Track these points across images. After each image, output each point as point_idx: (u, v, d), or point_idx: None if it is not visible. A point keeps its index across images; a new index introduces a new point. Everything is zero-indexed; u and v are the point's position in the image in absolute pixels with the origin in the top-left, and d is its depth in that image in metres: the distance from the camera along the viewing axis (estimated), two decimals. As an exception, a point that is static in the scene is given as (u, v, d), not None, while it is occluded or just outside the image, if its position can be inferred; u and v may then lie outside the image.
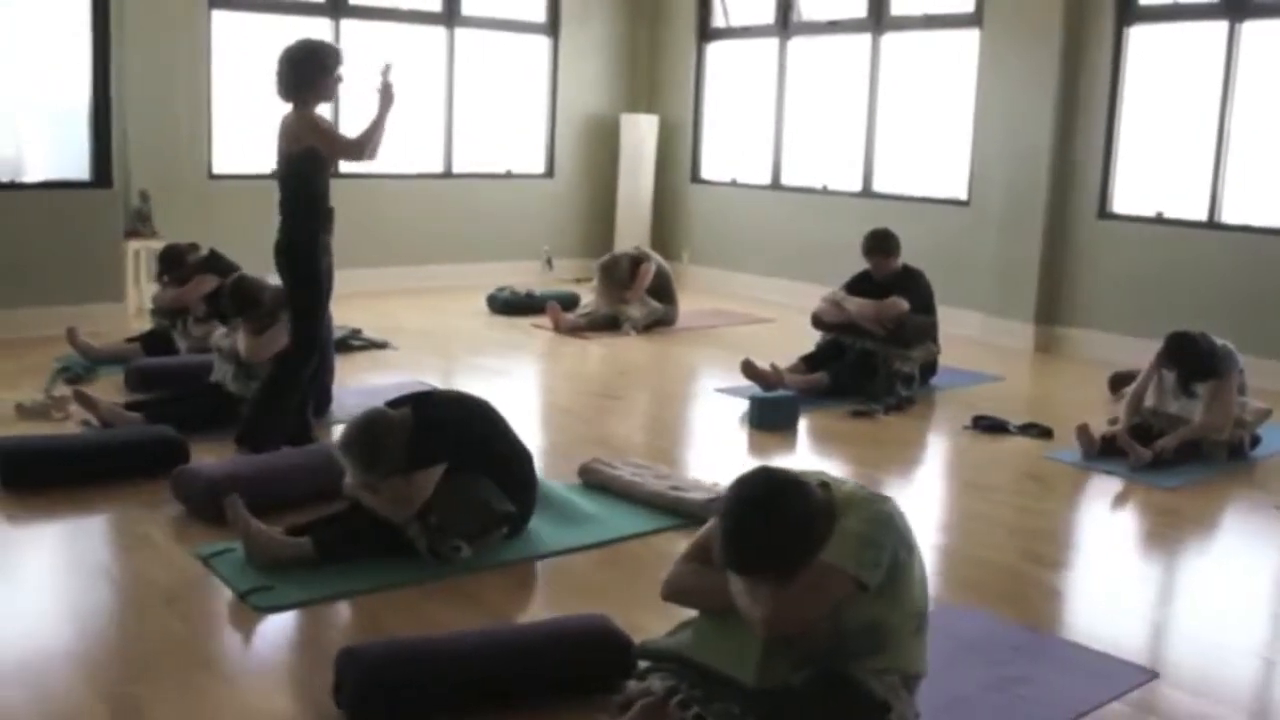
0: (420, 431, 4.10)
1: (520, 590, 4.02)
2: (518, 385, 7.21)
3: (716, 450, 5.94)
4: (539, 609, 3.81)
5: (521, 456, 4.37)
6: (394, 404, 4.25)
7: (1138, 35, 8.12)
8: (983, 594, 4.04)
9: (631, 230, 11.14)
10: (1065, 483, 5.46)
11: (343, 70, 5.14)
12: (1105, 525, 5.10)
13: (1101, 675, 3.46)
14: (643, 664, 3.12)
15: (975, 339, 8.56)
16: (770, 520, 2.66)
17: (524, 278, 10.41)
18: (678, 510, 4.65)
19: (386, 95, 5.17)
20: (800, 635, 2.72)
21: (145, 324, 7.48)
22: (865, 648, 2.78)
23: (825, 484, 2.83)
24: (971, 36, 8.95)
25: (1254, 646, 3.76)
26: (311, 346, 5.29)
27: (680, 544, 4.40)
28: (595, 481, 4.97)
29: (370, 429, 4.04)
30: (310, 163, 5.10)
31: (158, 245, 8.33)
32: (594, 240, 11.33)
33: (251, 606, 3.69)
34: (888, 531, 2.76)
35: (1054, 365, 8.15)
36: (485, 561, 4.11)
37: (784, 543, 2.67)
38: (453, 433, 4.19)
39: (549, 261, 11.06)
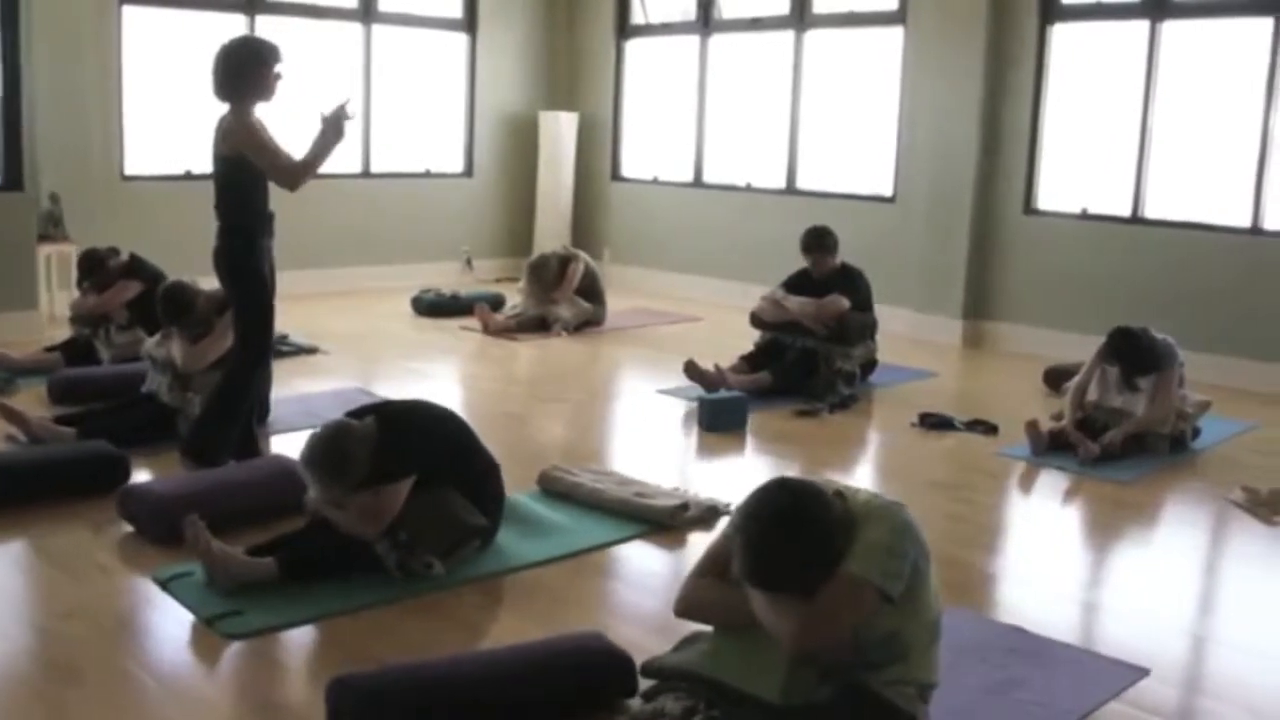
0: (386, 443, 3.94)
1: (498, 606, 3.89)
2: (455, 390, 7.06)
3: (668, 453, 5.86)
4: (521, 625, 3.69)
5: (491, 466, 4.25)
6: (355, 414, 4.09)
7: (1060, 34, 8.23)
8: (961, 594, 4.01)
9: (552, 229, 11.01)
10: (1020, 479, 5.50)
11: (281, 68, 4.92)
12: (1070, 521, 5.12)
13: (1094, 674, 3.46)
14: (647, 682, 3.03)
15: (904, 335, 8.60)
16: (795, 535, 2.59)
17: (443, 278, 10.23)
18: (645, 518, 4.56)
19: (336, 130, 4.91)
20: (828, 650, 2.64)
21: (59, 332, 7.16)
22: (883, 658, 2.73)
23: (840, 493, 2.77)
24: (895, 34, 8.99)
25: (1234, 637, 3.78)
26: (259, 353, 5.09)
27: (652, 552, 4.35)
28: (556, 489, 4.85)
29: (335, 441, 3.87)
30: (243, 166, 4.86)
31: (70, 250, 8.02)
32: (514, 240, 11.20)
33: (220, 634, 3.51)
34: (909, 540, 2.71)
35: (984, 360, 8.23)
36: (457, 577, 3.97)
37: (809, 557, 2.60)
38: (420, 443, 4.04)
39: (469, 261, 10.89)
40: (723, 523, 4.60)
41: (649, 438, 6.12)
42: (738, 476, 5.53)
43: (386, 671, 2.98)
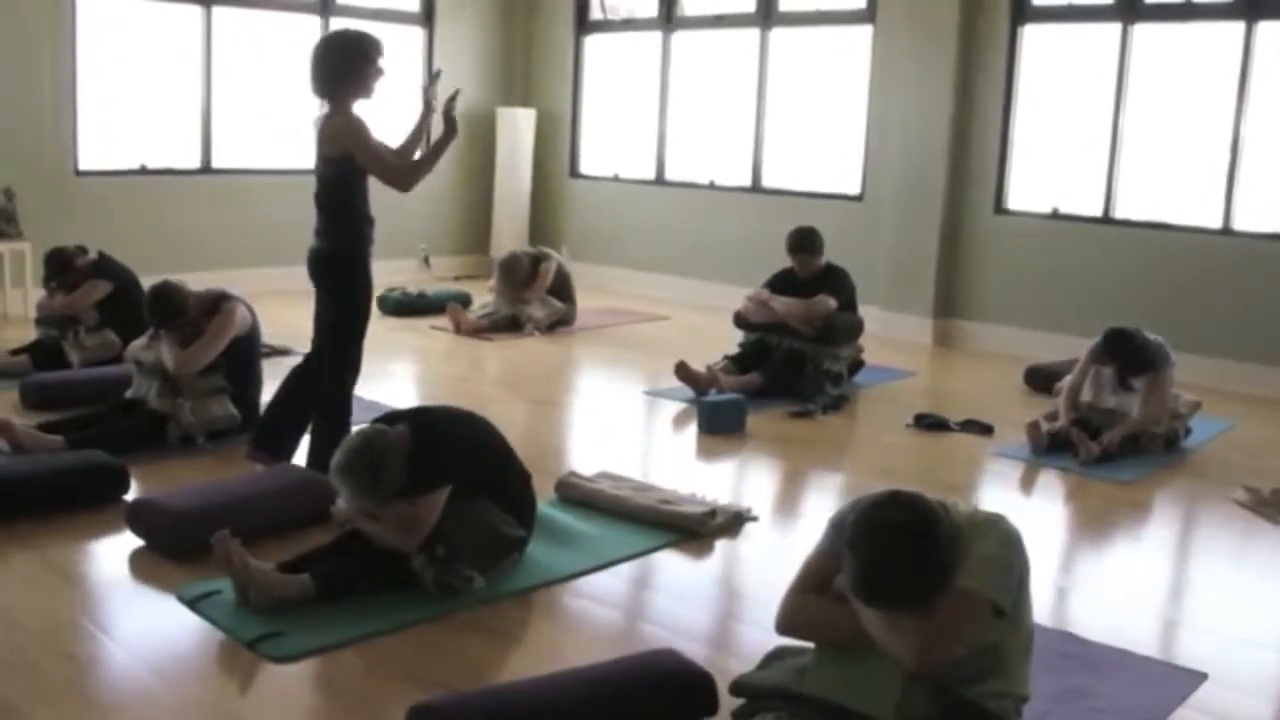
0: (420, 450, 3.80)
1: (544, 621, 3.77)
2: (436, 393, 6.89)
3: (669, 456, 5.78)
4: (569, 639, 3.59)
5: (524, 475, 4.13)
6: (386, 420, 3.95)
7: (1032, 34, 8.28)
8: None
9: (510, 226, 10.87)
10: (1023, 479, 5.50)
11: (383, 63, 4.69)
12: (1079, 522, 5.10)
13: (1155, 681, 3.45)
14: (734, 701, 2.94)
15: (873, 333, 8.50)
16: (913, 551, 2.52)
17: (401, 276, 10.03)
18: (672, 525, 4.47)
19: (451, 127, 4.69)
20: (946, 665, 2.58)
21: (14, 333, 6.87)
22: (984, 671, 2.68)
23: (944, 505, 2.71)
24: (864, 33, 8.99)
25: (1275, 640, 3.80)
26: (345, 365, 4.81)
27: (685, 561, 4.28)
28: (575, 497, 4.74)
29: (371, 448, 3.72)
30: (351, 166, 4.61)
31: (23, 247, 7.74)
32: (471, 237, 11.04)
33: (264, 656, 3.35)
34: (1016, 552, 2.67)
35: (959, 359, 8.25)
36: (494, 591, 3.85)
37: (927, 573, 2.53)
38: (456, 451, 3.90)
39: (426, 259, 10.70)
40: (749, 529, 4.56)
41: (646, 440, 6.04)
42: (746, 480, 5.49)
43: (467, 698, 2.87)
